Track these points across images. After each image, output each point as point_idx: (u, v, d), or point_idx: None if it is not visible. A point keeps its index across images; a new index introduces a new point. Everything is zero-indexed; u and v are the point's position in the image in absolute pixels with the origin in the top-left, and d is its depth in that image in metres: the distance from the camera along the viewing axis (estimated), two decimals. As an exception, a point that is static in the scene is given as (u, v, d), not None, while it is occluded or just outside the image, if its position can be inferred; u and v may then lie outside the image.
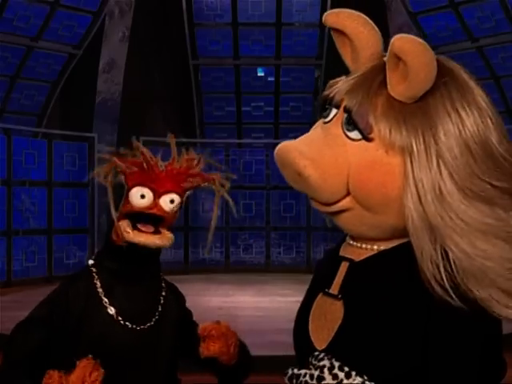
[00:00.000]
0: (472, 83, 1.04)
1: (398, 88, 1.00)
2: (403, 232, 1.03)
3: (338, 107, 1.07)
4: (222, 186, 1.91)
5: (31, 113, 11.07)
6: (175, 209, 1.85)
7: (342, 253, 1.15)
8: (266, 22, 11.78)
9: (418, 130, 0.99)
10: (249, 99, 12.40)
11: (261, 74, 12.42)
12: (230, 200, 1.91)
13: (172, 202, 1.83)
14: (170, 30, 11.62)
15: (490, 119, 1.02)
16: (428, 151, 0.99)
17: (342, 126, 1.05)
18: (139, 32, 11.21)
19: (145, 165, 1.83)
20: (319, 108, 1.13)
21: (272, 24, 11.76)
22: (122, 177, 1.86)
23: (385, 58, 1.04)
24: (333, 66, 11.01)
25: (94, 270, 1.91)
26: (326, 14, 1.10)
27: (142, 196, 1.81)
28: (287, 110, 12.41)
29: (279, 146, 1.08)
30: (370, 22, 1.08)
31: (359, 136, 1.02)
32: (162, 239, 1.81)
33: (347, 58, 1.11)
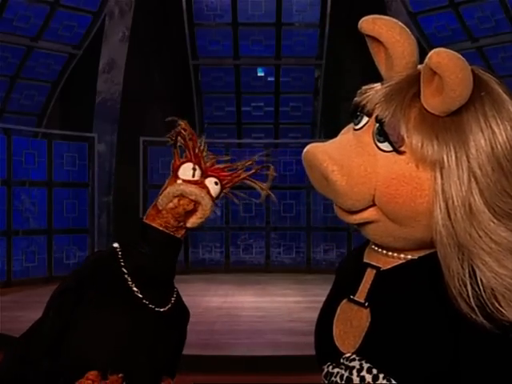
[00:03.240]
0: (506, 96, 1.02)
1: (432, 101, 0.98)
2: (430, 243, 1.02)
3: (369, 115, 1.06)
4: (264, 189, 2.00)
5: (31, 113, 11.08)
6: (217, 192, 1.90)
7: (366, 259, 1.14)
8: (266, 22, 11.78)
9: (450, 144, 0.98)
10: (249, 99, 12.40)
11: (261, 74, 12.42)
12: (273, 196, 1.97)
13: (216, 184, 1.89)
14: (169, 30, 11.62)
15: None
16: (459, 167, 0.97)
17: (372, 136, 1.04)
18: (139, 32, 11.21)
19: (197, 150, 1.89)
20: (350, 113, 1.12)
21: (272, 24, 11.76)
22: (176, 152, 1.94)
23: (419, 67, 1.03)
24: (333, 66, 11.04)
25: (119, 250, 1.94)
26: (361, 20, 1.08)
27: (194, 169, 1.87)
28: (287, 110, 12.41)
29: (308, 147, 1.07)
30: (407, 30, 1.06)
31: (390, 148, 1.01)
32: (211, 200, 1.86)
33: (381, 65, 1.10)
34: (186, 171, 1.87)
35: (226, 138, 12.16)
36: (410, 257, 1.07)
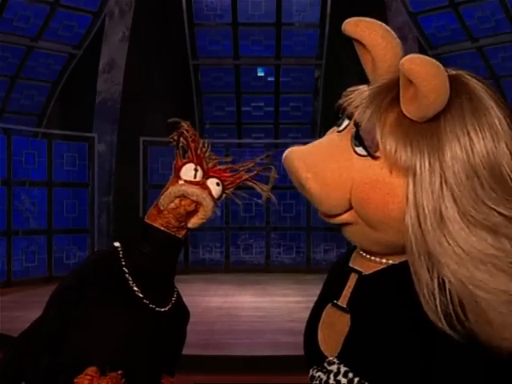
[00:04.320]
0: (490, 102, 0.99)
1: (409, 107, 0.97)
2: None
3: (350, 119, 1.05)
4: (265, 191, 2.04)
5: (31, 113, 11.08)
6: (219, 193, 1.94)
7: (351, 263, 1.14)
8: (266, 22, 11.78)
9: (424, 151, 0.96)
10: (249, 99, 12.40)
11: (261, 74, 12.42)
12: (275, 201, 2.03)
13: (218, 185, 1.93)
14: (169, 30, 11.62)
15: (506, 143, 0.97)
16: (432, 174, 0.95)
17: (351, 140, 1.03)
18: (139, 32, 11.21)
19: (199, 151, 1.92)
20: (334, 115, 1.11)
21: (272, 24, 11.76)
22: (179, 152, 1.95)
23: None
24: (333, 66, 11.03)
25: (120, 249, 1.94)
26: (345, 22, 1.07)
27: (196, 170, 1.89)
28: (287, 110, 12.42)
29: (286, 152, 1.06)
30: (391, 32, 1.05)
31: (365, 152, 1.01)
32: (212, 201, 1.90)
33: (367, 67, 1.09)
34: (188, 172, 1.88)
35: (226, 138, 12.16)
36: (391, 262, 1.07)
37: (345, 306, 1.09)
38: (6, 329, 5.90)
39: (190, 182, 1.88)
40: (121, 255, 1.92)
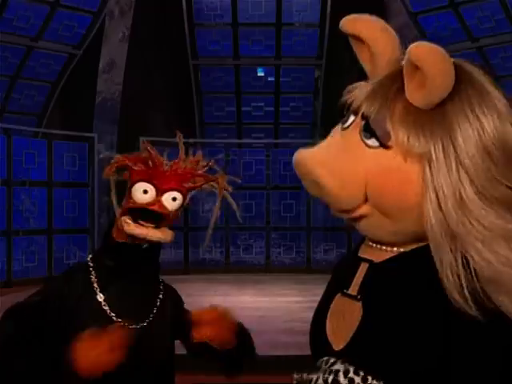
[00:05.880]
0: (490, 87, 1.03)
1: (415, 95, 0.99)
2: (422, 237, 1.03)
3: (356, 114, 1.06)
4: (225, 188, 1.92)
5: (31, 113, 11.08)
6: (177, 207, 1.85)
7: (361, 254, 1.15)
8: (266, 22, 11.78)
9: (436, 136, 0.99)
10: (249, 99, 12.40)
11: (261, 74, 12.41)
12: (232, 202, 1.93)
13: (174, 199, 1.83)
14: (169, 30, 11.62)
15: (510, 123, 1.01)
16: (447, 157, 0.98)
17: (360, 133, 1.04)
18: (139, 32, 11.21)
19: (150, 162, 1.84)
20: (338, 113, 1.12)
21: (272, 24, 11.76)
22: (127, 173, 1.87)
23: (402, 63, 1.04)
24: (333, 66, 11.01)
25: (91, 265, 1.91)
26: (342, 20, 1.09)
27: (145, 191, 1.81)
28: (287, 110, 12.41)
29: (296, 154, 1.07)
30: (388, 27, 1.08)
31: (376, 143, 1.02)
32: (163, 233, 1.81)
33: (366, 64, 1.11)
34: (138, 193, 1.81)
35: (226, 138, 12.16)
36: (402, 250, 1.08)
37: (355, 294, 1.09)
38: (5, 329, 5.90)
39: (142, 207, 1.80)
40: (91, 269, 1.90)
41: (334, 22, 11.27)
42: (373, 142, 1.02)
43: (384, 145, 1.01)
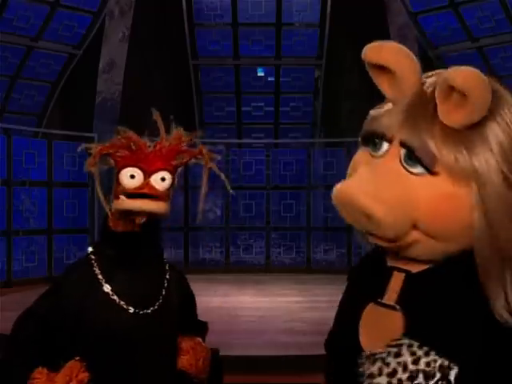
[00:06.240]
0: (508, 96, 1.07)
1: (454, 116, 1.00)
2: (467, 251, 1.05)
3: (389, 141, 1.07)
4: (211, 157, 1.90)
5: (31, 113, 11.07)
6: (167, 187, 1.83)
7: (391, 263, 1.14)
8: (266, 22, 11.78)
9: (479, 155, 1.00)
10: (249, 99, 12.39)
11: (261, 74, 12.41)
12: (221, 174, 1.92)
13: (163, 180, 1.82)
14: (169, 29, 11.62)
15: None
16: (493, 172, 1.00)
17: (400, 161, 1.05)
18: (139, 32, 11.21)
19: (132, 145, 1.82)
20: (363, 141, 1.13)
21: (272, 24, 11.76)
22: (112, 161, 1.86)
23: (425, 85, 1.06)
24: (333, 66, 10.99)
25: (93, 257, 1.92)
26: (365, 49, 1.10)
27: (132, 176, 1.80)
28: (287, 110, 12.41)
29: (338, 187, 1.06)
30: (410, 52, 1.09)
31: (422, 170, 1.03)
32: (158, 204, 1.80)
33: (383, 87, 1.11)
34: (125, 179, 1.80)
35: (226, 138, 12.16)
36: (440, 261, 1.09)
37: (393, 304, 1.09)
38: (6, 329, 5.89)
39: (132, 192, 1.79)
40: (93, 262, 1.90)
41: (334, 22, 11.28)
42: (418, 169, 1.03)
43: (431, 171, 1.02)
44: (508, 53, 9.94)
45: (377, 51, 1.09)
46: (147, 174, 1.81)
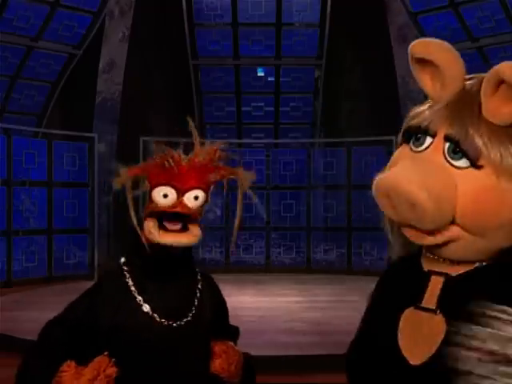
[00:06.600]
0: None
1: (499, 112, 1.01)
2: (506, 251, 1.05)
3: (432, 136, 1.07)
4: (246, 182, 1.88)
5: (31, 113, 11.08)
6: (200, 205, 1.80)
7: (428, 267, 1.14)
8: (266, 22, 11.78)
9: None
10: (249, 99, 12.40)
11: (261, 74, 12.41)
12: (254, 196, 1.90)
13: (196, 198, 1.79)
14: (169, 29, 11.62)
15: None
16: None
17: (444, 155, 1.05)
18: (139, 32, 11.21)
19: (166, 163, 1.78)
20: (403, 136, 1.13)
21: (272, 24, 11.76)
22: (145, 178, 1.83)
23: (468, 82, 1.07)
24: (333, 66, 10.99)
25: (125, 268, 1.90)
26: (412, 44, 1.12)
27: (165, 195, 1.76)
28: (287, 110, 12.41)
29: (381, 177, 1.06)
30: (455, 50, 1.10)
31: (467, 164, 1.03)
32: (189, 237, 1.78)
33: (427, 85, 1.12)
34: (158, 197, 1.77)
35: (226, 138, 12.15)
36: (477, 264, 1.09)
37: (433, 308, 1.09)
38: (5, 329, 5.90)
39: (164, 210, 1.76)
40: (126, 273, 1.89)
41: (334, 22, 11.28)
42: (463, 162, 1.03)
43: (476, 165, 1.02)
44: (508, 53, 9.93)
45: (424, 46, 1.11)
46: (180, 193, 1.77)
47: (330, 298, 8.13)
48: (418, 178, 1.02)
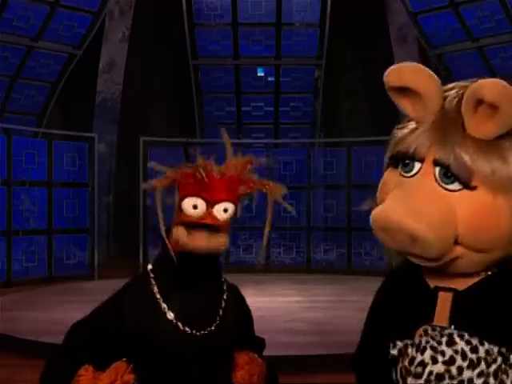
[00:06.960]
0: None
1: (482, 128, 1.01)
2: (506, 259, 1.07)
3: (421, 161, 1.07)
4: (276, 196, 1.86)
5: (31, 113, 11.08)
6: (229, 217, 1.81)
7: (433, 283, 1.14)
8: (266, 22, 11.78)
9: (510, 161, 1.03)
10: (249, 99, 12.40)
11: (261, 74, 12.41)
12: (287, 206, 1.87)
13: (226, 210, 1.79)
14: (169, 30, 11.62)
15: None
16: None
17: (435, 179, 1.05)
18: (139, 32, 11.22)
19: (198, 174, 1.77)
20: (390, 161, 1.13)
21: (272, 24, 11.76)
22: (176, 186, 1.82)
23: (448, 99, 1.07)
24: (333, 66, 10.99)
25: (151, 275, 1.89)
26: (387, 73, 1.11)
27: (195, 206, 1.76)
28: (287, 110, 12.41)
29: (377, 213, 1.06)
30: (430, 71, 1.10)
31: (460, 186, 1.03)
32: (219, 241, 1.78)
33: (408, 108, 1.12)
34: (187, 208, 1.77)
35: (226, 138, 12.13)
36: (483, 273, 1.10)
37: (446, 326, 1.09)
38: (5, 329, 5.90)
39: (193, 221, 1.76)
40: (152, 280, 1.88)
41: (334, 22, 11.28)
42: (456, 185, 1.04)
43: (469, 187, 1.02)
44: (508, 53, 9.93)
45: (398, 74, 1.10)
46: (210, 205, 1.77)
47: (330, 298, 8.13)
48: (412, 209, 1.03)
